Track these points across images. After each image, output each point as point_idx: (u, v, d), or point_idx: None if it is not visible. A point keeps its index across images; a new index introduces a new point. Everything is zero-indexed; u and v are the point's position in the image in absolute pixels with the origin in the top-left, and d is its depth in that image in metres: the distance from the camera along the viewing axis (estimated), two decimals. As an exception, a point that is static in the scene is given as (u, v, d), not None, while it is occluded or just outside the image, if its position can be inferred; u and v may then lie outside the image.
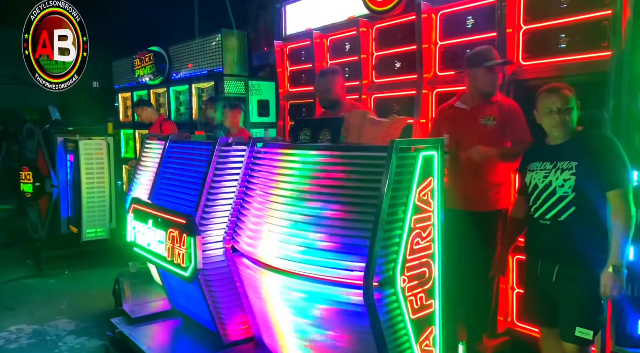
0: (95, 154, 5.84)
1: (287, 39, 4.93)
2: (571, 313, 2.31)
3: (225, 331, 2.84)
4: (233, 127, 4.43)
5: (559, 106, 2.27)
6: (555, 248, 2.38)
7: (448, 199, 2.33)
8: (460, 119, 2.91)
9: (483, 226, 2.83)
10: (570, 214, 2.27)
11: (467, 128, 2.83)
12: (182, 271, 2.67)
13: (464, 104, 2.94)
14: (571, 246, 2.28)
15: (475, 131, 2.81)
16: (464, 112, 2.93)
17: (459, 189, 2.77)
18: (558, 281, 2.32)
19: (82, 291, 4.92)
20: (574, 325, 2.27)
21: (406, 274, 1.99)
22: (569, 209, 2.27)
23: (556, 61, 2.86)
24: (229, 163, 2.81)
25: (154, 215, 2.93)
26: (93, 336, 3.84)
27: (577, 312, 2.29)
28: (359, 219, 1.99)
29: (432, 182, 2.07)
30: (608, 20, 2.61)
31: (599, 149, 2.22)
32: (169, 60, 7.12)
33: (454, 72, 3.42)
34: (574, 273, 2.28)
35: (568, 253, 2.30)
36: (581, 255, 2.24)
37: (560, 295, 2.33)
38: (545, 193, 2.33)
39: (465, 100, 2.95)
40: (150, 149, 3.59)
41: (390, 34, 3.96)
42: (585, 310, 2.27)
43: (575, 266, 2.27)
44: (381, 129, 2.54)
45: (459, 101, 2.98)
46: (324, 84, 3.43)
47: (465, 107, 2.93)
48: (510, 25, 3.04)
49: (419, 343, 2.06)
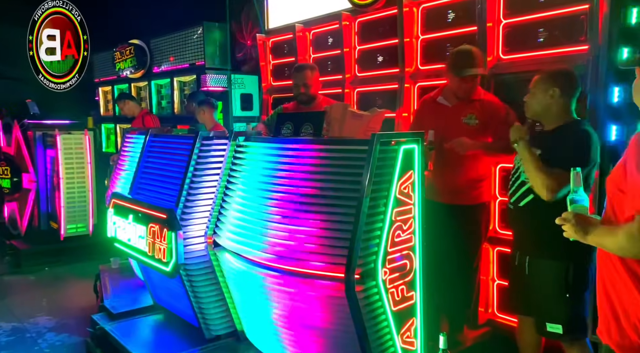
0: (75, 149, 5.75)
1: (270, 32, 4.90)
2: (540, 308, 2.34)
3: (207, 325, 2.84)
4: (206, 123, 4.42)
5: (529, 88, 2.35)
6: (518, 235, 2.44)
7: (431, 192, 2.36)
8: (442, 116, 2.87)
9: (466, 219, 2.85)
10: (529, 201, 2.31)
11: (449, 126, 2.80)
12: (164, 267, 2.65)
13: (446, 100, 2.92)
14: (531, 235, 2.33)
15: (457, 129, 2.78)
16: (446, 109, 2.90)
17: (442, 183, 2.78)
18: (530, 274, 2.35)
19: (63, 288, 4.86)
20: (544, 320, 2.31)
21: (387, 266, 2.01)
22: (527, 196, 2.31)
23: (535, 55, 2.89)
24: (210, 157, 2.79)
25: (135, 210, 2.91)
26: (74, 333, 3.79)
27: (545, 307, 2.31)
28: (341, 212, 2.00)
29: (412, 175, 2.08)
30: (585, 15, 2.64)
31: (563, 139, 2.21)
32: (150, 53, 7.02)
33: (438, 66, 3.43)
34: (540, 265, 2.31)
35: (532, 243, 2.34)
36: (543, 245, 2.26)
37: (531, 288, 2.37)
38: (514, 176, 2.40)
39: (447, 96, 2.92)
40: (131, 143, 3.54)
41: (373, 28, 3.95)
42: (551, 305, 2.30)
43: (540, 258, 2.31)
44: (362, 123, 2.54)
45: (441, 96, 2.95)
46: (303, 79, 3.42)
47: (448, 104, 2.90)
48: (490, 19, 3.06)
49: (400, 335, 2.08)
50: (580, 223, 1.57)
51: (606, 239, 1.50)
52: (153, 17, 7.12)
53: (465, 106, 2.85)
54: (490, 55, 3.08)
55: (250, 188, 2.38)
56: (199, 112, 4.49)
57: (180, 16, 6.63)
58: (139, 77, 7.26)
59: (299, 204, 2.11)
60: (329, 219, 2.03)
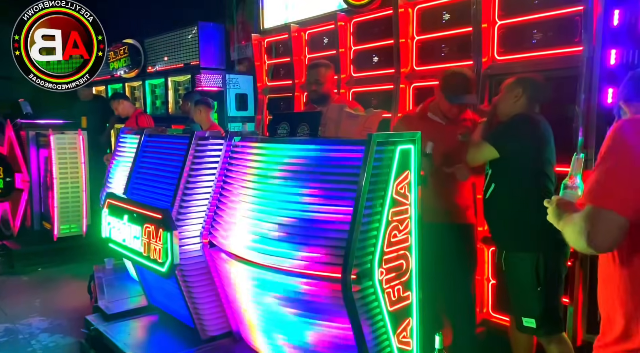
0: (69, 149, 5.71)
1: (265, 32, 4.90)
2: (516, 302, 2.40)
3: (203, 326, 2.83)
4: (202, 123, 4.41)
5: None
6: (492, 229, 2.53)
7: (429, 214, 2.39)
8: (438, 134, 2.69)
9: (465, 238, 2.82)
10: (492, 192, 2.42)
11: (447, 143, 2.67)
12: (159, 267, 2.64)
13: (436, 116, 2.79)
14: (502, 226, 2.40)
15: (455, 147, 2.67)
16: (439, 126, 2.77)
17: (442, 203, 2.73)
18: (506, 269, 2.42)
19: (56, 289, 4.82)
20: (520, 315, 2.36)
21: (384, 266, 2.01)
22: (490, 187, 2.43)
23: (530, 56, 2.91)
24: (205, 157, 2.78)
25: (130, 210, 2.89)
26: (67, 334, 3.76)
27: (520, 301, 2.35)
28: (337, 212, 2.00)
29: (409, 175, 2.08)
30: (580, 16, 2.66)
31: (505, 123, 2.46)
32: (144, 53, 7.00)
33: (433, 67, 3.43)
34: (514, 258, 2.36)
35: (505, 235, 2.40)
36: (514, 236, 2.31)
37: (508, 284, 2.44)
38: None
39: (436, 113, 2.80)
40: (126, 143, 3.52)
41: (368, 28, 3.96)
42: (524, 299, 2.33)
43: (513, 250, 2.37)
44: (358, 123, 2.55)
45: (431, 112, 2.82)
46: (315, 76, 3.21)
47: (440, 122, 2.79)
48: (485, 20, 3.08)
49: (396, 335, 2.08)
50: (560, 208, 1.47)
51: (565, 227, 1.40)
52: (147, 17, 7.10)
53: (458, 123, 2.80)
54: (485, 56, 3.10)
55: (245, 188, 2.37)
56: (195, 112, 4.48)
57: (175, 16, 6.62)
58: (133, 77, 7.23)
59: (295, 204, 2.11)
60: (325, 220, 2.03)
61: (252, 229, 2.25)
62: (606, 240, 1.27)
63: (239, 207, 2.38)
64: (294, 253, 2.06)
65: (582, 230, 1.28)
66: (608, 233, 1.26)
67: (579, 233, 1.29)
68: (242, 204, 2.36)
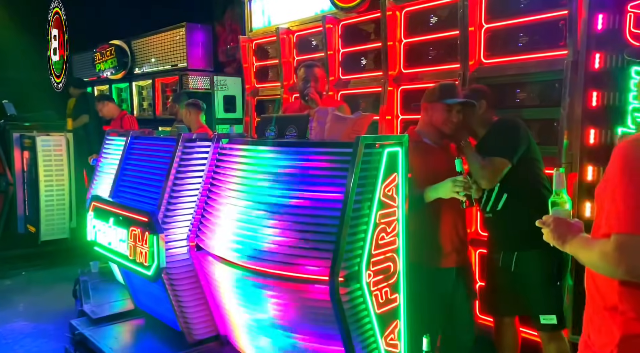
0: (54, 151, 5.65)
1: (254, 34, 4.88)
2: (531, 302, 2.38)
3: (189, 330, 2.80)
4: (192, 125, 4.39)
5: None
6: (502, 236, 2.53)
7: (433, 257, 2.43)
8: (435, 159, 2.53)
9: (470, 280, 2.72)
10: (505, 201, 2.43)
11: (446, 169, 2.43)
12: (145, 270, 2.61)
13: (429, 139, 2.57)
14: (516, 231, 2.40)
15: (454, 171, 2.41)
16: (434, 149, 2.56)
17: (451, 242, 2.51)
18: (517, 270, 2.40)
19: (41, 293, 4.75)
20: (538, 313, 2.36)
21: (371, 269, 2.01)
22: (502, 198, 2.43)
23: (516, 59, 2.94)
24: (192, 159, 2.77)
25: (115, 213, 2.86)
26: (52, 338, 3.71)
27: (537, 300, 2.37)
28: (325, 215, 2.00)
29: (396, 178, 2.09)
30: (565, 20, 2.69)
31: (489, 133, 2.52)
32: (131, 54, 6.95)
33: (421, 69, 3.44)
34: (528, 257, 2.37)
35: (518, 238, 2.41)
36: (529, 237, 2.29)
37: (520, 284, 2.41)
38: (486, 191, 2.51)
39: (428, 135, 2.58)
40: (112, 145, 3.49)
41: (356, 31, 3.97)
42: (543, 296, 2.35)
43: (528, 250, 2.37)
44: (346, 126, 2.54)
45: (425, 137, 2.58)
46: (314, 75, 3.32)
47: (435, 145, 2.57)
48: (472, 23, 3.10)
49: (384, 337, 2.09)
50: (558, 229, 1.49)
51: (581, 252, 1.42)
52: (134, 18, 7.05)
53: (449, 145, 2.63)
54: (472, 59, 3.12)
55: (233, 190, 2.36)
56: (184, 114, 4.46)
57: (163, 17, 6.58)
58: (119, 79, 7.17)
59: (283, 207, 2.10)
60: (313, 222, 2.02)
61: (239, 232, 2.24)
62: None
63: (226, 210, 2.36)
64: (278, 256, 2.05)
65: (615, 260, 1.26)
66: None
67: (612, 263, 1.27)
68: (229, 207, 2.35)
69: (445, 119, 2.50)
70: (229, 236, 2.29)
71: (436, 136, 2.56)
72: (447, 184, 2.32)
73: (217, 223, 2.41)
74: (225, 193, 2.41)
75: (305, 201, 2.06)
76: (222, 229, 2.36)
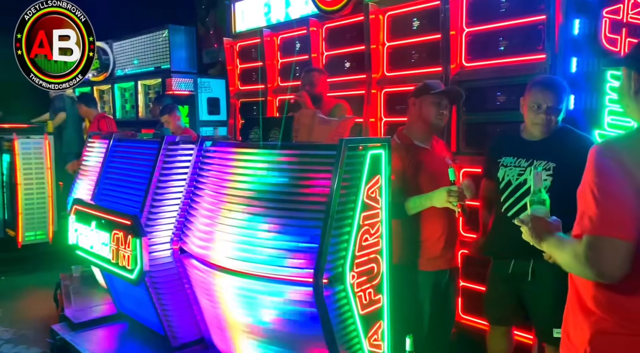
0: (34, 154, 5.56)
1: (237, 36, 4.88)
2: (546, 313, 2.23)
3: (173, 333, 2.79)
4: (176, 129, 4.40)
5: (549, 104, 2.21)
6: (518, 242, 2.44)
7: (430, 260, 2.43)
8: (429, 162, 2.52)
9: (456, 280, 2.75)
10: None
11: (441, 171, 2.44)
12: (128, 274, 2.59)
13: (419, 141, 2.56)
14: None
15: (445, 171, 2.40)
16: (426, 152, 2.55)
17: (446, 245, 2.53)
18: (535, 280, 2.26)
19: (21, 298, 4.67)
20: (552, 326, 2.20)
21: (355, 270, 2.02)
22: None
23: (497, 63, 2.99)
24: (176, 162, 2.75)
25: (98, 216, 2.83)
26: (32, 344, 3.65)
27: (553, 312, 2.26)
28: (309, 217, 2.01)
29: (380, 180, 2.11)
30: (543, 25, 2.75)
31: (576, 151, 2.02)
32: (113, 55, 6.88)
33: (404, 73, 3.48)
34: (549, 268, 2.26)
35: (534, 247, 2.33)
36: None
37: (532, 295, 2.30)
38: (519, 191, 2.29)
39: (417, 137, 2.56)
40: (93, 148, 3.46)
41: (340, 34, 4.00)
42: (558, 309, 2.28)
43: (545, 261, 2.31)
44: (330, 128, 2.57)
45: (416, 140, 2.57)
46: (304, 81, 3.47)
47: (427, 147, 2.57)
48: (453, 27, 3.14)
49: (368, 338, 2.10)
50: (536, 228, 1.50)
51: (556, 251, 1.45)
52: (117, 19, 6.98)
53: (441, 145, 2.66)
54: (454, 62, 3.16)
55: (216, 193, 2.36)
56: (167, 118, 4.47)
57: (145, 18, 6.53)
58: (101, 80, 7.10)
59: (266, 209, 2.11)
60: (297, 224, 2.03)
61: (222, 235, 2.24)
62: (615, 268, 1.26)
63: (210, 213, 2.36)
64: (263, 258, 2.06)
65: (586, 261, 1.28)
66: (616, 260, 1.25)
67: (583, 264, 1.29)
68: (212, 209, 2.35)
69: (435, 113, 2.49)
70: (213, 238, 2.29)
71: (426, 132, 2.55)
72: (442, 194, 2.31)
73: (200, 226, 2.40)
74: (209, 196, 2.41)
75: (289, 204, 2.07)
76: (205, 231, 2.35)
